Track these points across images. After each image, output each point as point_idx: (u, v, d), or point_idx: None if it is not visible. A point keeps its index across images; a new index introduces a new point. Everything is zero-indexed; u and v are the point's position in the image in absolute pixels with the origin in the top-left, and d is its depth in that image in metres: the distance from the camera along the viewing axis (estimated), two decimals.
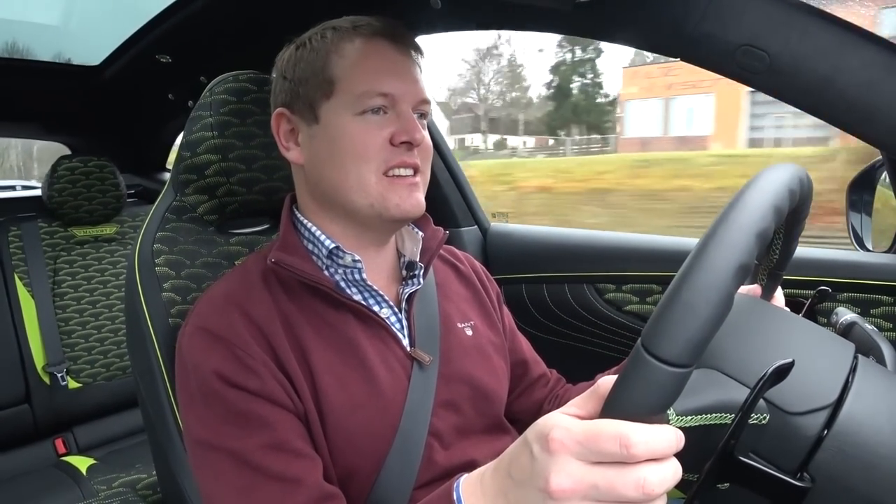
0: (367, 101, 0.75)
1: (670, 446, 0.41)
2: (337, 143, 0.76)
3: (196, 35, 1.50)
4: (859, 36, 0.74)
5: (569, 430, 0.42)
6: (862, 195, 1.14)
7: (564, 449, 0.42)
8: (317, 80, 0.77)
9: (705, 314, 0.40)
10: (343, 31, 0.78)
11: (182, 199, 0.97)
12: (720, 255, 0.41)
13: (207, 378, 0.69)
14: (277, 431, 0.68)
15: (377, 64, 0.76)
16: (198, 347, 0.71)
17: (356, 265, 0.78)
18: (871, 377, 0.52)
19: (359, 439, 0.73)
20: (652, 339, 0.40)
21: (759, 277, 0.74)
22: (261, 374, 0.69)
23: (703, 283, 0.41)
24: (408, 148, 0.76)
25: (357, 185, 0.75)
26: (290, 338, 0.73)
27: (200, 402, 0.70)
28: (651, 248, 1.29)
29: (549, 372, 1.04)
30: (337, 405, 0.72)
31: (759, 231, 0.43)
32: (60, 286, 1.91)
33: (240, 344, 0.70)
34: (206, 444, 0.69)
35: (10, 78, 1.82)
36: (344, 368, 0.74)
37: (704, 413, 0.48)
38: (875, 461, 0.46)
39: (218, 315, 0.73)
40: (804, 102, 0.80)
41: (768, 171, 0.50)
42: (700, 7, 0.80)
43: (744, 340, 0.54)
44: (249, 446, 0.66)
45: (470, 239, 1.56)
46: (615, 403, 0.42)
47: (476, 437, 0.84)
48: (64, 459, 1.77)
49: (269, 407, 0.69)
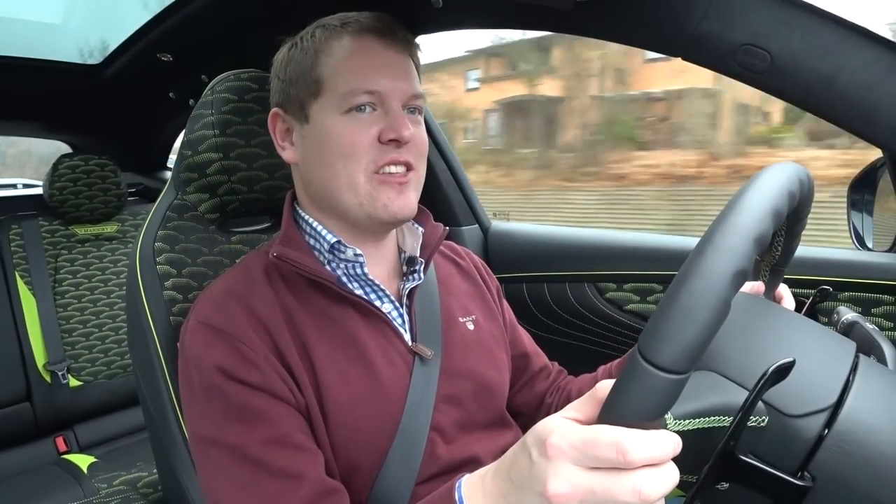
0: (353, 99, 0.74)
1: (667, 452, 0.41)
2: (325, 143, 0.76)
3: (197, 34, 1.50)
4: (861, 35, 0.74)
5: (566, 435, 0.43)
6: (863, 194, 1.14)
7: (562, 454, 0.42)
8: (305, 81, 0.77)
9: (702, 321, 0.40)
10: (331, 30, 0.78)
11: (183, 197, 0.97)
12: (717, 261, 0.41)
13: (209, 373, 0.69)
14: (279, 426, 0.68)
15: (364, 61, 0.76)
16: (199, 342, 0.72)
17: (358, 259, 0.78)
18: (872, 376, 0.52)
19: (361, 434, 0.73)
20: (648, 346, 0.40)
21: (762, 274, 0.74)
22: (262, 367, 0.69)
23: (700, 289, 0.40)
24: (396, 145, 0.75)
25: (347, 185, 0.75)
26: (292, 332, 0.73)
27: (202, 397, 0.70)
28: (652, 247, 1.29)
29: (551, 364, 1.04)
30: (339, 400, 0.72)
31: (757, 236, 0.43)
32: (61, 284, 1.91)
33: (241, 337, 0.70)
34: (208, 439, 0.69)
35: (11, 76, 1.82)
36: (346, 363, 0.75)
37: (702, 416, 0.48)
38: (876, 460, 0.46)
39: (219, 309, 0.73)
40: (805, 102, 0.80)
41: (767, 173, 0.49)
42: (701, 6, 0.80)
43: (743, 341, 0.53)
44: (251, 441, 0.66)
45: (471, 238, 1.56)
46: (612, 410, 0.42)
47: (478, 432, 0.84)
48: (65, 457, 1.77)
49: (270, 401, 0.69)
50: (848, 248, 1.11)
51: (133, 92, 1.96)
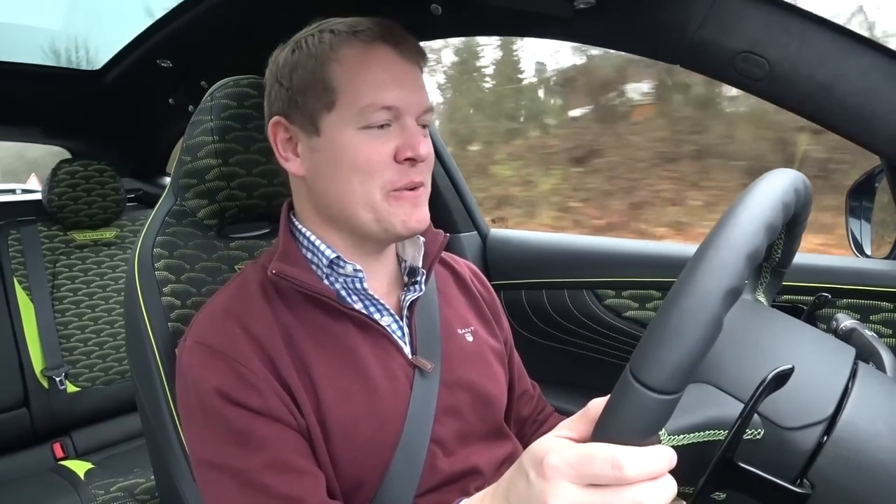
0: (371, 115, 0.72)
1: (662, 466, 0.41)
2: (340, 158, 0.73)
3: (197, 40, 1.50)
4: (859, 43, 0.74)
5: (562, 454, 0.43)
6: (861, 201, 1.14)
7: (559, 473, 0.43)
8: (316, 91, 0.73)
9: (692, 341, 0.40)
10: (342, 36, 0.74)
11: (182, 203, 0.97)
12: (708, 279, 0.41)
13: (208, 396, 0.68)
14: (280, 450, 0.67)
15: (380, 74, 0.72)
16: (198, 363, 0.71)
17: (357, 275, 0.77)
18: (870, 383, 0.51)
19: (362, 451, 0.73)
20: (639, 367, 0.40)
21: (763, 275, 0.73)
22: (262, 390, 0.69)
23: (691, 308, 0.40)
24: (412, 164, 0.73)
25: (363, 202, 0.74)
26: (291, 352, 0.72)
27: (202, 420, 0.69)
28: (650, 253, 1.29)
29: (532, 386, 1.02)
30: (340, 419, 0.72)
31: (749, 252, 0.43)
32: (60, 290, 1.90)
33: (240, 359, 0.69)
34: (209, 463, 0.68)
35: (11, 82, 1.82)
36: (346, 381, 0.74)
37: (697, 431, 0.48)
38: (875, 467, 0.46)
39: (218, 329, 0.72)
40: (803, 109, 0.80)
41: (762, 183, 0.49)
42: (700, 13, 0.80)
43: (739, 351, 0.53)
44: (252, 466, 0.66)
45: (469, 245, 1.56)
46: (604, 428, 0.42)
47: (477, 443, 0.83)
48: (62, 464, 1.76)
49: (270, 424, 0.68)
50: (846, 254, 1.11)
51: (133, 98, 1.96)
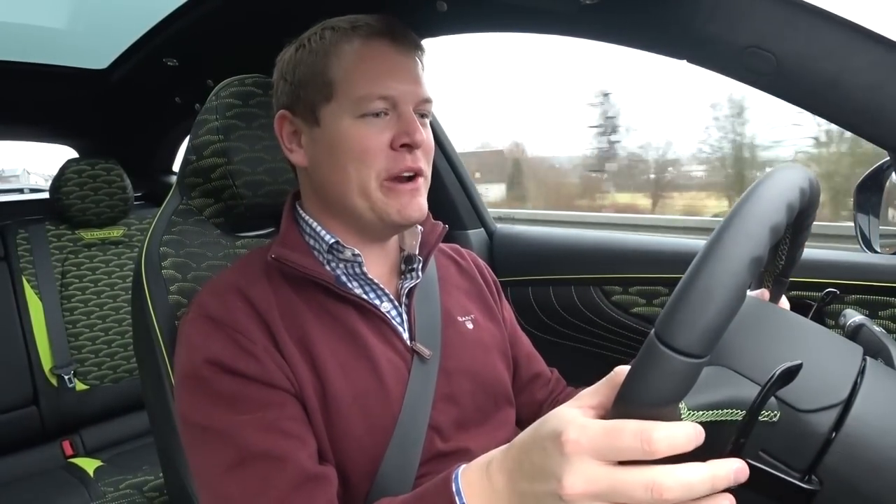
0: (367, 104, 0.75)
1: (689, 440, 0.40)
2: (337, 147, 0.76)
3: (202, 39, 1.51)
4: (866, 37, 0.74)
5: (584, 428, 0.42)
6: (869, 197, 1.14)
7: (580, 448, 0.42)
8: (316, 84, 0.77)
9: (720, 303, 0.40)
10: (342, 32, 0.78)
11: (188, 202, 0.98)
12: (736, 245, 0.41)
13: (202, 363, 0.70)
14: (268, 411, 0.68)
15: (376, 66, 0.76)
16: (197, 332, 0.73)
17: (356, 259, 0.79)
18: (879, 379, 0.51)
19: (359, 430, 0.73)
20: (666, 329, 0.40)
21: (765, 283, 0.73)
22: (261, 358, 0.70)
23: (719, 272, 0.40)
24: (409, 150, 0.76)
25: (358, 190, 0.76)
26: (292, 327, 0.74)
27: (195, 386, 0.70)
28: (657, 250, 1.28)
29: (549, 371, 1.03)
30: (339, 392, 0.73)
31: (772, 225, 0.43)
32: (68, 288, 1.92)
33: (241, 329, 0.71)
34: (196, 425, 0.70)
35: (18, 81, 1.83)
36: (348, 357, 0.75)
37: (716, 408, 0.48)
38: (883, 463, 0.46)
39: (219, 301, 0.74)
40: (810, 104, 0.80)
41: (780, 170, 0.50)
42: (706, 8, 0.79)
43: (755, 340, 0.53)
44: (237, 423, 0.67)
45: (476, 241, 1.56)
46: (628, 394, 0.42)
47: (476, 430, 0.84)
48: (71, 461, 1.78)
49: (264, 389, 0.69)
50: (855, 250, 1.10)
51: (139, 97, 1.97)
